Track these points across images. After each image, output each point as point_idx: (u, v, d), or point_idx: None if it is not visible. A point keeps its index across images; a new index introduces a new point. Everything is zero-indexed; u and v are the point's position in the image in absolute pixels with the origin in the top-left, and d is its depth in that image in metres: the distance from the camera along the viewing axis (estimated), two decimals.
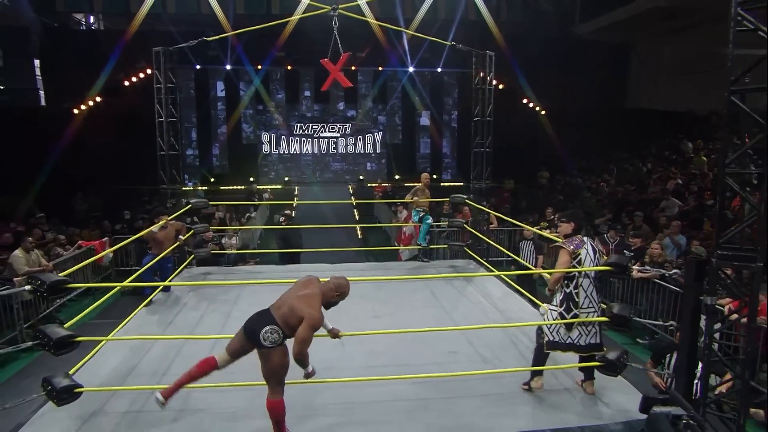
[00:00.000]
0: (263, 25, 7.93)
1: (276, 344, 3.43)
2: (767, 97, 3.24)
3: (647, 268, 7.08)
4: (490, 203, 11.58)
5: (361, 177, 18.58)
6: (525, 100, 17.94)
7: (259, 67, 17.35)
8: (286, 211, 9.89)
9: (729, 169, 3.41)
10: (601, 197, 14.17)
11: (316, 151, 19.18)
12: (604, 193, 14.56)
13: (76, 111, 15.80)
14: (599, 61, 18.22)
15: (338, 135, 19.16)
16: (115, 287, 6.95)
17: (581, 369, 4.26)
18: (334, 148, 19.23)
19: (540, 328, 4.25)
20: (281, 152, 19.09)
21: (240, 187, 17.22)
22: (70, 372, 4.00)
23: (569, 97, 18.02)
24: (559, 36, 18.48)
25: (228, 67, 17.38)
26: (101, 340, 4.67)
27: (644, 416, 3.93)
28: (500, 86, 16.38)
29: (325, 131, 19.05)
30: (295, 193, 17.29)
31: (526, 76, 17.24)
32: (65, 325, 4.06)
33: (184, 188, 8.50)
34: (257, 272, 8.10)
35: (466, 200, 8.41)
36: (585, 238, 4.17)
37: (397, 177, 18.65)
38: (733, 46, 3.29)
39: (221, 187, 17.40)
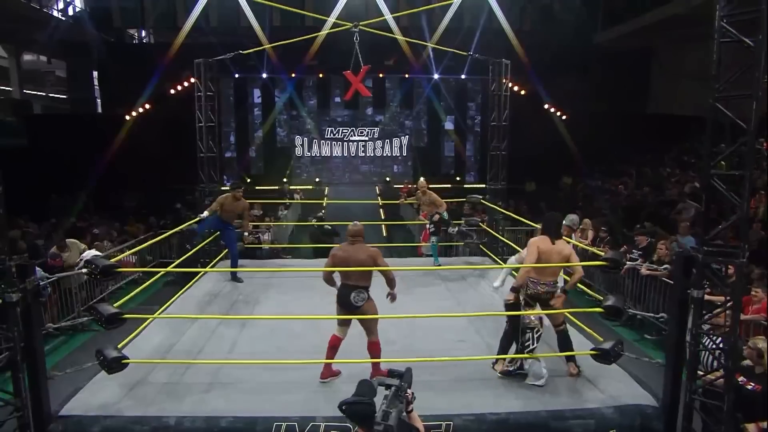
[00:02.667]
0: (294, 39, 8.28)
1: (365, 301, 4.25)
2: (754, 104, 3.33)
3: (654, 266, 7.06)
4: (510, 205, 11.63)
5: (387, 179, 18.85)
6: (547, 106, 17.81)
7: (293, 75, 17.84)
8: (318, 214, 10.20)
9: (714, 170, 3.51)
10: (619, 200, 14.01)
11: (345, 154, 19.55)
12: (623, 195, 14.37)
13: (127, 117, 16.60)
14: (621, 67, 17.95)
15: (366, 139, 19.47)
16: (159, 272, 7.40)
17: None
18: (363, 151, 19.55)
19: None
20: (313, 155, 19.54)
21: (274, 187, 17.73)
22: (119, 346, 4.39)
23: (591, 102, 17.83)
24: (581, 43, 18.29)
25: (264, 75, 17.92)
26: (146, 318, 5.08)
27: (635, 403, 4.05)
28: (522, 92, 16.48)
29: (354, 135, 19.40)
30: (325, 193, 17.69)
31: (549, 83, 17.12)
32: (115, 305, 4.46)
33: (222, 187, 8.92)
34: (287, 265, 8.42)
35: (482, 200, 8.55)
36: None
37: (422, 179, 18.82)
38: (717, 57, 3.38)
39: (256, 187, 17.93)
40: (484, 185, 9.02)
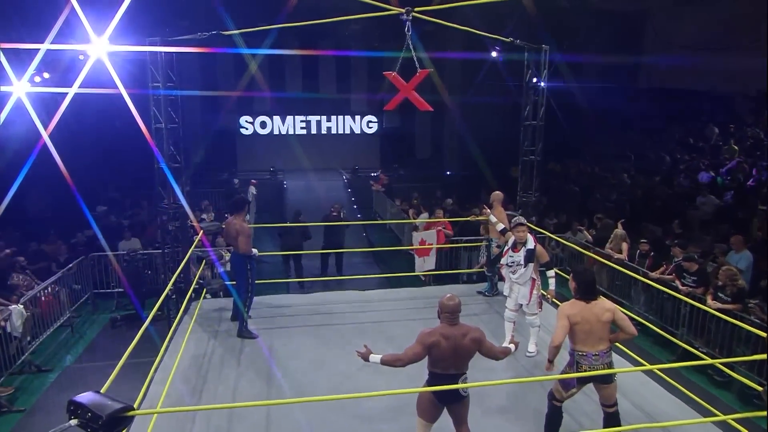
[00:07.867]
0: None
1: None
2: None
3: (723, 298, 6.72)
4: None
5: (356, 167, 17.79)
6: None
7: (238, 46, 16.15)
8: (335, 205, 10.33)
9: None
10: (623, 190, 13.59)
11: (305, 133, 18.32)
12: (626, 185, 13.98)
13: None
14: (611, 34, 17.66)
15: (328, 119, 18.39)
16: None
17: None
18: (323, 131, 18.43)
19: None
20: (265, 134, 18.14)
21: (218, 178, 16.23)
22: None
23: (577, 74, 17.49)
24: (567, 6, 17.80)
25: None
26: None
27: None
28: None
29: (316, 114, 18.23)
30: (284, 185, 16.43)
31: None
32: None
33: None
34: (283, 305, 7.38)
35: (529, 224, 7.86)
36: None
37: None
38: None
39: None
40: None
